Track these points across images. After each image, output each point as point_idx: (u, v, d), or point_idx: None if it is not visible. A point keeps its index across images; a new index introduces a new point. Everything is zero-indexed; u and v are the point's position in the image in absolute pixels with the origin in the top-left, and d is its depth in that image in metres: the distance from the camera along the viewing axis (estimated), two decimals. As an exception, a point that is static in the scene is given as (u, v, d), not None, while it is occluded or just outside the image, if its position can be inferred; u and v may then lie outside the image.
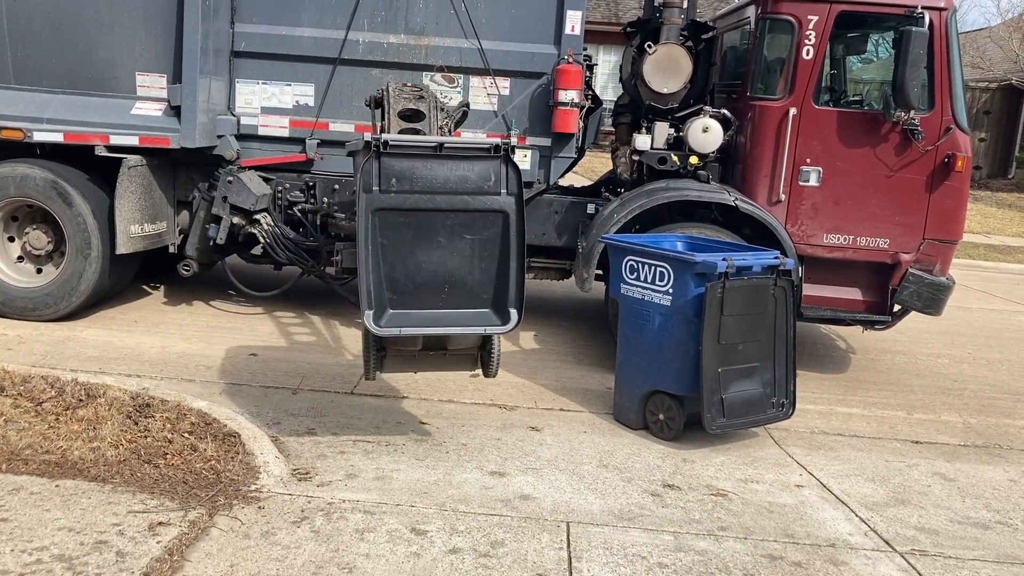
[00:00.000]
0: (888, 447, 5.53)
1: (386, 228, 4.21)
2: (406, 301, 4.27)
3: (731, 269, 5.07)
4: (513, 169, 4.32)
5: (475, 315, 4.34)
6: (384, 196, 4.21)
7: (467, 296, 4.33)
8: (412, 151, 4.27)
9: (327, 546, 3.71)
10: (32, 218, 6.91)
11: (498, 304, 4.35)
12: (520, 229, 4.32)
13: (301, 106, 7.12)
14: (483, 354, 4.68)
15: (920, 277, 6.52)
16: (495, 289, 4.34)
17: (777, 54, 6.82)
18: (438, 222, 4.26)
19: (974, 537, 4.36)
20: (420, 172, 4.24)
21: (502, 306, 4.34)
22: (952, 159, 6.43)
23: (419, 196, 4.24)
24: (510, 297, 4.33)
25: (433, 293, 4.30)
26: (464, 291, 4.33)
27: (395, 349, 4.57)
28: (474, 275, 4.33)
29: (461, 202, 4.27)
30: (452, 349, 4.66)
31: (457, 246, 4.29)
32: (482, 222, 4.30)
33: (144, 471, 4.17)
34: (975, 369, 7.58)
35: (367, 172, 4.19)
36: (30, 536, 3.52)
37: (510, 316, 4.32)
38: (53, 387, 4.98)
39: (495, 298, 4.35)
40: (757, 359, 5.29)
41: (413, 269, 4.26)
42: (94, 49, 6.75)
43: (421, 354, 4.62)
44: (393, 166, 4.22)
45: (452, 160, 4.27)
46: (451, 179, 4.27)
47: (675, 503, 4.45)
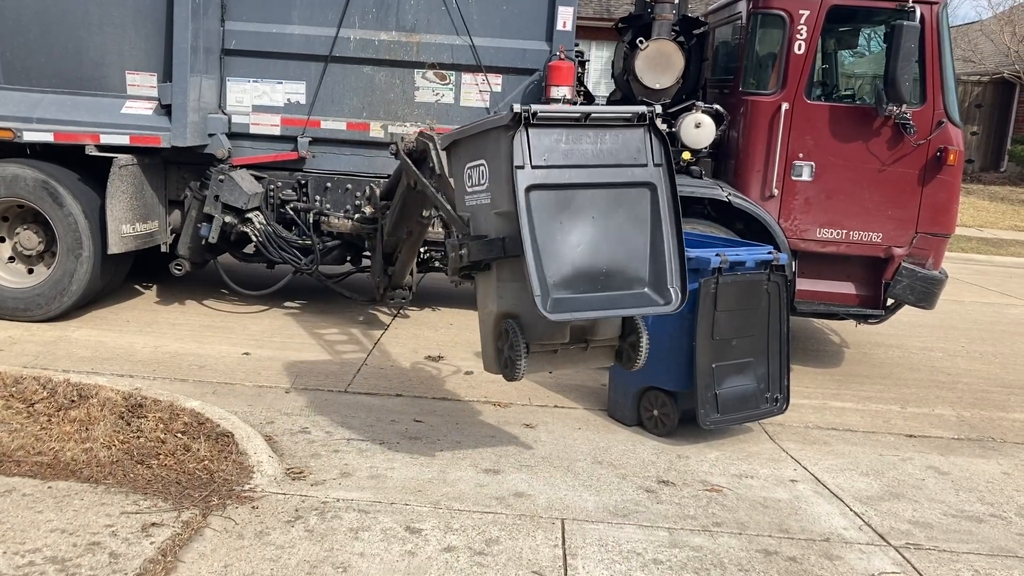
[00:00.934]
0: (882, 441, 5.54)
1: (541, 207, 3.89)
2: (566, 285, 3.92)
3: (724, 265, 5.06)
4: (658, 138, 4.08)
5: (634, 296, 4.03)
6: (536, 172, 3.90)
7: (623, 277, 4.02)
8: (559, 121, 3.98)
9: (321, 545, 3.70)
10: (23, 218, 6.88)
11: (656, 282, 4.05)
12: (673, 201, 4.06)
13: (292, 104, 7.10)
14: (626, 345, 4.35)
15: (913, 271, 6.53)
16: (651, 268, 4.05)
17: (769, 49, 6.82)
18: (586, 199, 3.99)
19: (968, 530, 4.37)
20: (565, 145, 3.97)
21: (661, 284, 4.04)
22: (944, 153, 6.44)
23: (568, 170, 3.96)
24: (669, 275, 4.03)
25: (589, 276, 3.97)
26: (620, 271, 4.02)
27: (539, 345, 4.17)
28: (628, 254, 4.03)
29: (609, 175, 4.02)
30: (594, 341, 4.33)
31: (609, 223, 4.01)
32: (630, 196, 4.04)
33: (137, 472, 4.15)
34: (968, 362, 7.60)
35: (517, 146, 3.87)
36: (23, 538, 3.51)
37: (671, 295, 4.01)
38: (45, 388, 4.96)
39: (652, 277, 4.05)
40: (751, 354, 5.29)
41: (567, 251, 3.94)
42: (84, 48, 6.72)
43: (563, 349, 4.27)
44: (541, 139, 3.93)
45: (596, 130, 4.01)
46: (596, 152, 4.01)
47: (670, 499, 4.45)
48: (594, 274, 3.97)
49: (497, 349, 4.23)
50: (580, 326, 4.22)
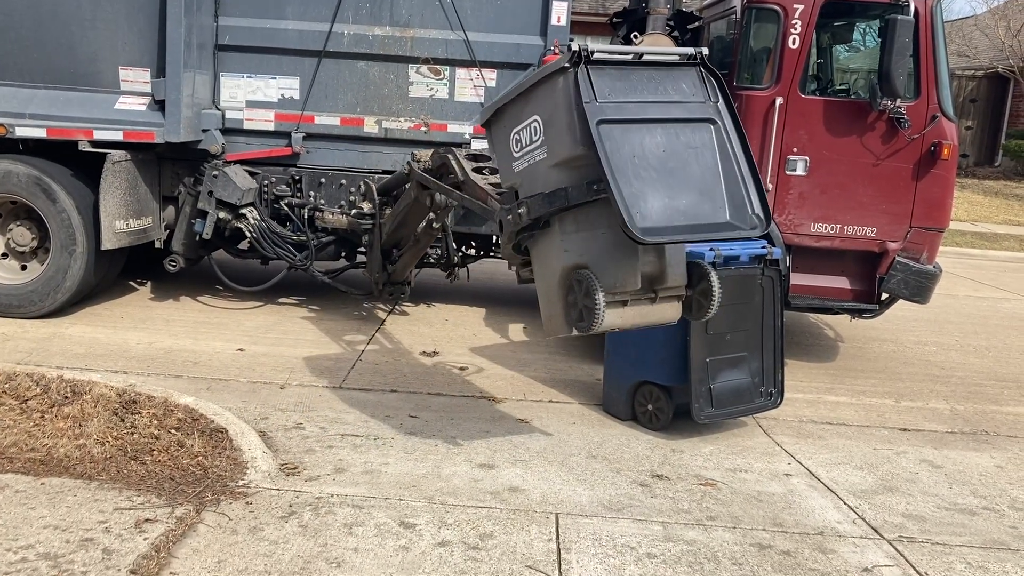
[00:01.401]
0: (876, 435, 5.55)
1: (611, 142, 3.86)
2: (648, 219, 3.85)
3: (718, 259, 5.06)
4: (713, 76, 4.13)
5: (719, 225, 4.00)
6: (604, 106, 3.90)
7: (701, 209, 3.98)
8: (614, 61, 4.04)
9: (315, 541, 3.70)
10: (16, 214, 6.86)
11: (737, 212, 4.02)
12: (738, 132, 4.09)
13: (287, 99, 7.09)
14: (696, 294, 4.30)
15: (907, 265, 6.54)
16: (728, 198, 4.02)
17: (763, 43, 6.81)
18: (652, 133, 3.98)
19: (961, 523, 4.38)
20: (622, 83, 3.99)
21: (742, 213, 4.01)
22: (938, 147, 6.45)
23: (633, 105, 3.97)
24: (749, 202, 4.02)
25: (666, 209, 3.90)
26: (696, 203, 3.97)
27: (610, 295, 4.06)
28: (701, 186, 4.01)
29: (669, 111, 4.04)
30: (663, 289, 4.23)
31: (679, 158, 4.00)
32: (693, 131, 4.05)
33: (131, 468, 4.15)
34: (962, 356, 7.61)
35: (582, 82, 3.89)
36: (15, 534, 3.50)
37: (754, 220, 4.01)
38: (38, 384, 4.95)
39: (731, 207, 4.01)
40: (745, 349, 5.30)
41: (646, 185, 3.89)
42: (76, 44, 6.70)
43: (633, 301, 4.17)
44: (600, 77, 3.94)
45: (650, 69, 4.06)
46: (653, 90, 4.05)
47: (664, 493, 4.45)
48: (672, 206, 3.92)
49: (567, 304, 4.13)
50: (649, 274, 4.15)
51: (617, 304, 4.10)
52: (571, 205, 4.02)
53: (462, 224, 7.26)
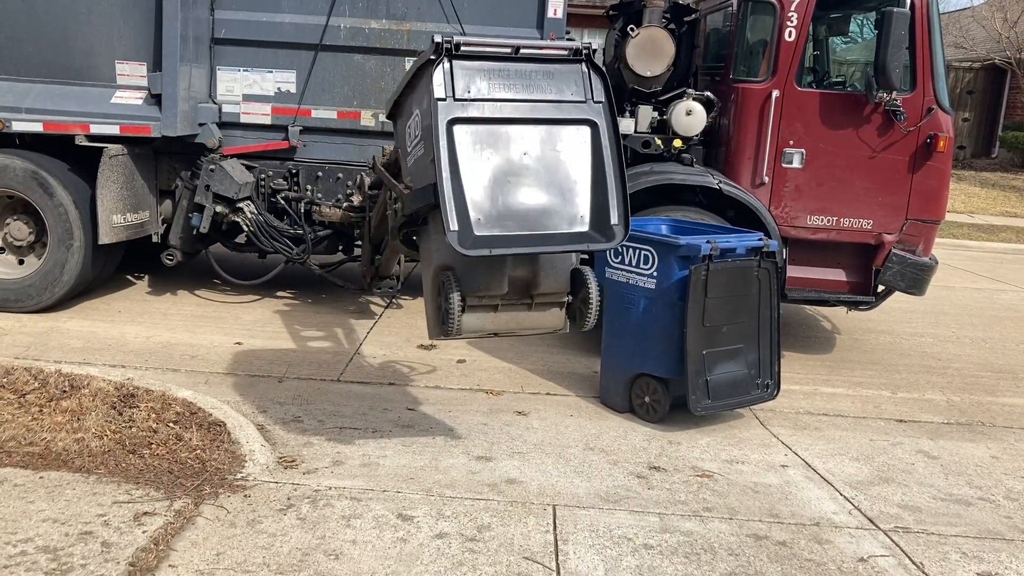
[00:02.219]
0: (872, 426, 5.57)
1: (465, 142, 3.73)
2: (493, 223, 3.74)
3: (715, 252, 5.08)
4: (598, 74, 3.92)
5: (574, 235, 3.83)
6: (460, 104, 3.74)
7: (561, 217, 3.82)
8: (487, 55, 3.81)
9: (314, 533, 3.72)
10: (13, 209, 6.86)
11: (598, 220, 3.85)
12: (615, 137, 3.88)
13: (283, 93, 7.08)
14: (577, 301, 4.13)
15: (903, 257, 6.55)
16: (592, 207, 3.85)
17: (759, 36, 6.81)
18: (520, 134, 3.82)
19: (956, 514, 4.40)
20: (494, 79, 3.80)
21: (604, 223, 3.83)
22: (934, 139, 6.45)
23: (498, 104, 3.79)
24: (612, 212, 3.82)
25: (521, 214, 3.77)
26: (557, 211, 3.82)
27: (476, 297, 3.97)
28: (566, 193, 3.83)
29: (543, 111, 3.84)
30: (540, 295, 4.08)
31: (544, 161, 3.84)
32: (569, 134, 3.87)
33: (129, 461, 4.16)
34: (959, 348, 7.64)
35: (438, 78, 3.72)
36: (14, 528, 3.51)
37: (614, 232, 3.82)
38: (36, 379, 4.96)
39: (594, 217, 3.85)
40: (741, 341, 5.31)
41: (498, 189, 3.76)
42: (72, 37, 6.68)
43: (504, 305, 4.04)
44: (466, 71, 3.77)
45: (530, 64, 3.84)
46: (530, 87, 3.84)
47: (661, 485, 4.47)
48: (527, 212, 3.78)
49: (436, 306, 4.00)
50: (522, 278, 3.99)
51: (485, 308, 4.00)
52: (435, 204, 3.79)
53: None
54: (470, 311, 3.96)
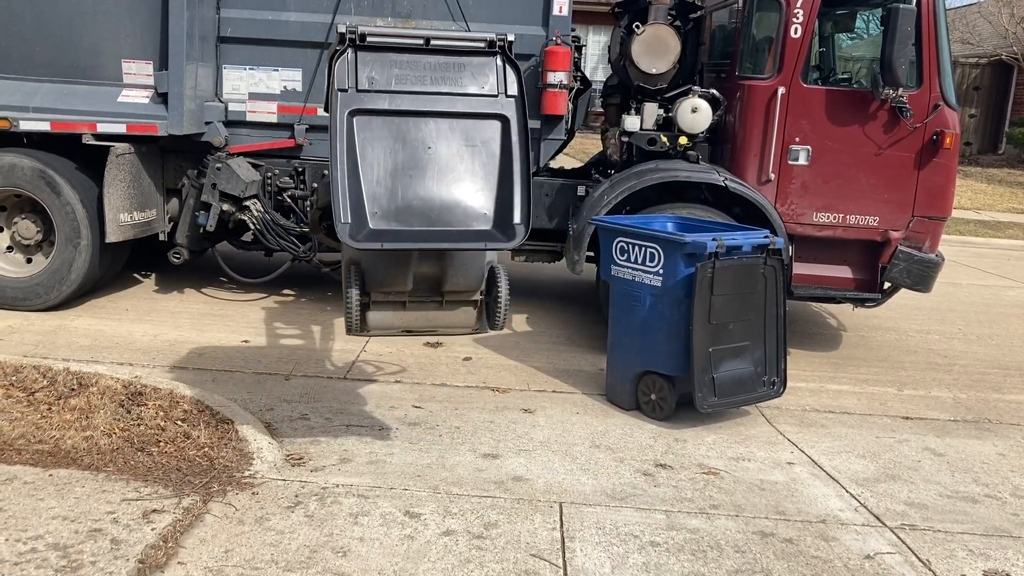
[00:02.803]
0: (879, 423, 5.57)
1: (366, 134, 3.71)
2: (391, 216, 3.72)
3: (721, 249, 5.08)
4: (512, 68, 3.86)
5: (474, 233, 3.79)
6: (362, 95, 3.70)
7: (463, 213, 3.78)
8: (395, 46, 3.75)
9: (321, 530, 3.73)
10: (21, 208, 6.88)
11: (501, 218, 3.80)
12: (524, 136, 3.82)
13: (289, 91, 7.09)
14: (488, 300, 4.09)
15: (910, 254, 6.54)
16: (496, 204, 3.81)
17: (765, 33, 6.81)
18: (428, 128, 3.76)
19: (963, 511, 4.40)
20: (402, 71, 3.75)
21: (506, 222, 3.79)
22: (941, 136, 6.44)
23: (404, 96, 3.73)
24: (515, 210, 3.77)
25: (423, 207, 3.74)
26: (459, 207, 3.77)
27: (381, 293, 3.97)
28: (470, 189, 3.79)
29: (452, 104, 3.79)
30: (449, 292, 4.05)
31: (450, 156, 3.79)
32: (478, 128, 3.81)
33: (137, 459, 4.18)
34: (965, 345, 7.63)
35: (341, 68, 3.70)
36: (24, 525, 3.53)
37: (515, 231, 3.77)
38: (45, 377, 4.98)
39: (497, 215, 3.80)
40: (748, 338, 5.31)
41: (399, 182, 3.73)
42: (79, 37, 6.70)
43: (412, 302, 4.03)
44: (372, 62, 3.73)
45: (442, 56, 3.77)
46: (440, 79, 3.78)
47: (667, 482, 4.48)
48: (429, 208, 3.73)
49: (345, 299, 3.98)
50: (430, 275, 3.93)
51: (393, 305, 3.95)
52: None
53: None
54: (376, 307, 3.94)
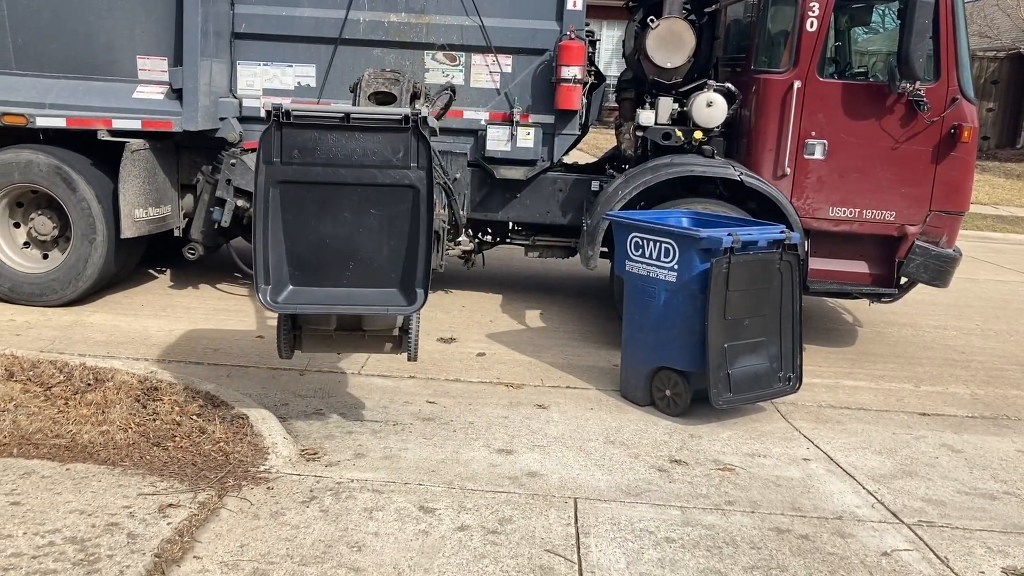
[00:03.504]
0: (895, 419, 5.53)
1: (288, 201, 4.08)
2: (310, 278, 4.16)
3: (737, 244, 5.05)
4: (423, 142, 4.11)
5: (381, 294, 4.20)
6: (286, 168, 4.05)
7: (373, 274, 4.18)
8: (317, 121, 4.07)
9: (336, 525, 3.74)
10: (37, 204, 6.92)
11: (405, 283, 4.20)
12: (429, 205, 4.13)
13: (303, 87, 7.10)
14: (403, 334, 4.53)
15: (927, 249, 6.49)
16: (403, 268, 4.18)
17: (781, 26, 6.76)
18: (344, 196, 4.10)
19: (981, 508, 4.36)
20: (326, 143, 4.06)
21: (409, 285, 4.19)
22: (958, 130, 6.39)
23: (324, 169, 4.07)
24: (417, 276, 4.17)
25: (338, 270, 4.16)
26: (370, 269, 4.18)
27: (310, 328, 4.47)
28: (381, 252, 4.18)
29: (368, 175, 4.10)
30: (369, 330, 4.51)
31: (364, 221, 4.14)
32: (390, 197, 4.13)
33: (153, 454, 4.20)
34: (983, 341, 7.56)
35: (267, 142, 4.03)
36: (42, 519, 3.55)
37: (416, 296, 4.18)
38: (62, 372, 5.01)
39: (403, 277, 4.19)
40: (763, 334, 5.28)
41: (317, 244, 4.13)
42: (94, 33, 6.73)
43: (338, 334, 4.49)
44: (296, 137, 4.05)
45: (360, 132, 4.07)
46: (358, 151, 4.09)
47: (682, 478, 4.46)
48: (342, 269, 4.15)
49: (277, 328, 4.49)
50: (352, 318, 4.42)
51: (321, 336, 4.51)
52: None
53: (478, 210, 7.27)
54: (308, 338, 4.50)
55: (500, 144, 7.02)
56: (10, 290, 6.80)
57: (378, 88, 5.49)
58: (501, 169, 7.08)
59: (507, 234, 7.70)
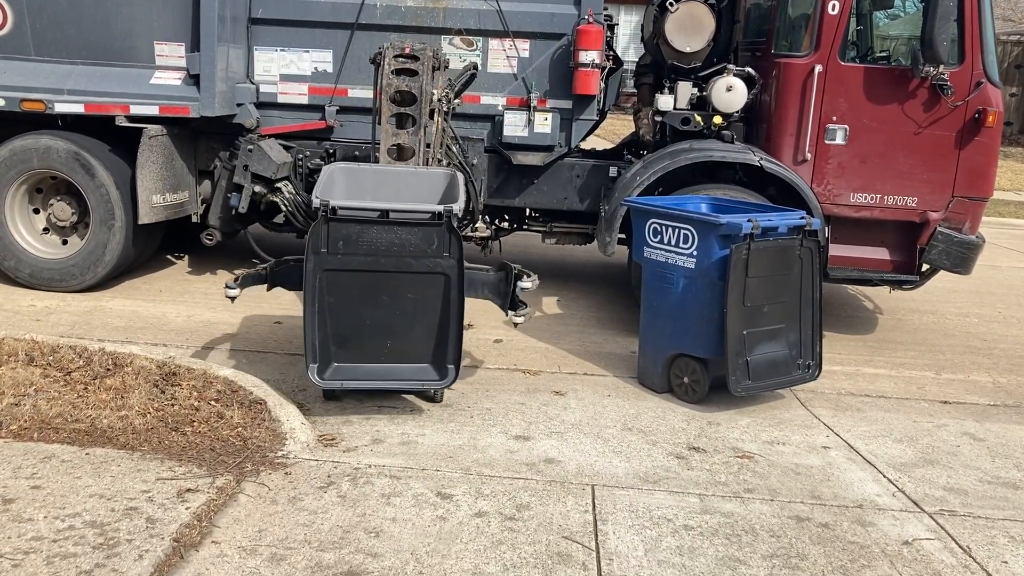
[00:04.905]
0: (916, 407, 5.48)
1: (333, 286, 4.59)
2: (350, 354, 4.66)
3: (756, 230, 5.00)
4: (455, 236, 4.59)
5: (415, 370, 4.71)
6: (331, 258, 4.56)
7: (408, 352, 4.69)
8: (360, 216, 4.57)
9: (354, 511, 3.74)
10: (56, 189, 6.96)
11: (437, 360, 4.69)
12: (460, 291, 4.62)
13: (320, 72, 7.08)
14: None
15: (949, 236, 6.41)
16: (435, 345, 4.68)
17: (802, 10, 6.68)
18: (383, 281, 4.62)
19: (1004, 497, 4.32)
20: (368, 236, 4.57)
21: (441, 362, 4.68)
22: (983, 114, 6.29)
23: (365, 258, 4.58)
24: (449, 354, 4.66)
25: (376, 347, 4.68)
26: (406, 347, 4.69)
27: None
28: (415, 331, 4.68)
29: (405, 264, 4.62)
30: None
31: (400, 304, 4.65)
32: (424, 283, 4.63)
33: (172, 439, 4.21)
34: (1005, 328, 7.48)
35: (316, 235, 4.53)
36: (63, 503, 3.57)
37: (447, 372, 4.67)
38: (81, 357, 5.03)
39: (435, 354, 4.69)
40: (782, 321, 5.24)
41: (358, 325, 4.65)
42: (112, 19, 6.74)
43: None
44: (342, 230, 4.55)
45: (398, 226, 4.58)
46: (396, 242, 4.59)
47: (700, 466, 4.43)
48: (380, 346, 4.69)
49: None
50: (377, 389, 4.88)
51: None
52: None
53: (495, 197, 7.24)
54: None
55: (517, 130, 6.98)
56: (30, 276, 6.84)
57: (400, 66, 5.88)
58: (518, 155, 7.05)
59: (524, 220, 7.66)
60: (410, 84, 5.97)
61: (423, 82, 5.95)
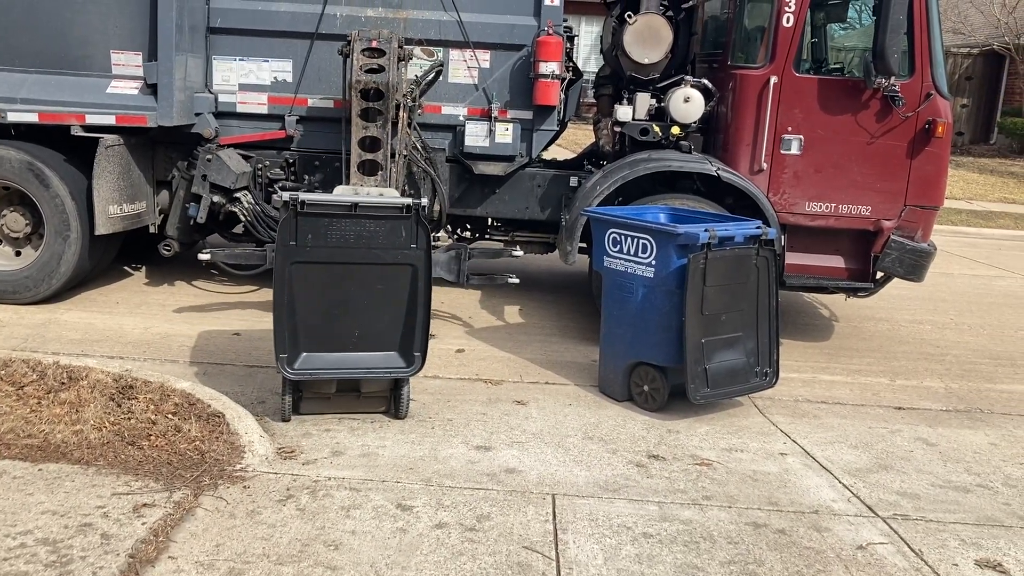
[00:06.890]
0: (871, 414, 5.58)
1: (302, 278, 4.64)
2: (320, 344, 4.70)
3: (713, 240, 5.07)
4: (422, 227, 4.69)
5: (383, 358, 4.78)
6: (300, 250, 4.61)
7: (376, 340, 4.76)
8: (328, 210, 4.63)
9: (313, 524, 3.72)
10: (9, 200, 6.82)
11: (405, 348, 4.77)
12: (427, 281, 4.73)
13: (279, 82, 7.05)
14: (395, 396, 4.92)
15: (902, 244, 6.55)
16: (402, 334, 4.77)
17: (758, 22, 6.79)
18: (352, 272, 4.69)
19: (955, 500, 4.41)
20: (337, 228, 4.64)
21: (408, 350, 4.77)
22: (933, 125, 6.44)
23: (334, 250, 4.66)
24: (416, 342, 4.77)
25: (345, 337, 4.73)
26: (374, 336, 4.76)
27: (311, 392, 4.86)
28: (383, 320, 4.75)
29: (373, 256, 4.69)
30: (365, 392, 4.92)
31: (369, 295, 4.72)
32: (392, 273, 4.72)
33: (128, 453, 4.15)
34: (957, 335, 7.64)
35: (285, 229, 4.58)
36: (13, 520, 3.51)
37: (414, 359, 4.77)
38: (35, 370, 4.94)
39: (402, 343, 4.77)
40: (740, 329, 5.31)
41: (327, 315, 4.71)
42: (67, 27, 6.64)
43: (336, 396, 4.89)
44: (310, 223, 4.60)
45: (366, 218, 4.66)
46: (364, 234, 4.67)
47: (660, 473, 4.47)
48: (349, 336, 4.74)
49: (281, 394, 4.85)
50: (351, 381, 4.84)
51: (322, 397, 4.88)
52: None
53: (457, 206, 7.25)
54: (307, 400, 4.88)
55: (479, 140, 7.00)
56: (-18, 288, 6.71)
57: (367, 62, 6.11)
58: (480, 165, 7.07)
59: (486, 230, 7.68)
60: (377, 80, 6.13)
61: (390, 77, 6.11)
